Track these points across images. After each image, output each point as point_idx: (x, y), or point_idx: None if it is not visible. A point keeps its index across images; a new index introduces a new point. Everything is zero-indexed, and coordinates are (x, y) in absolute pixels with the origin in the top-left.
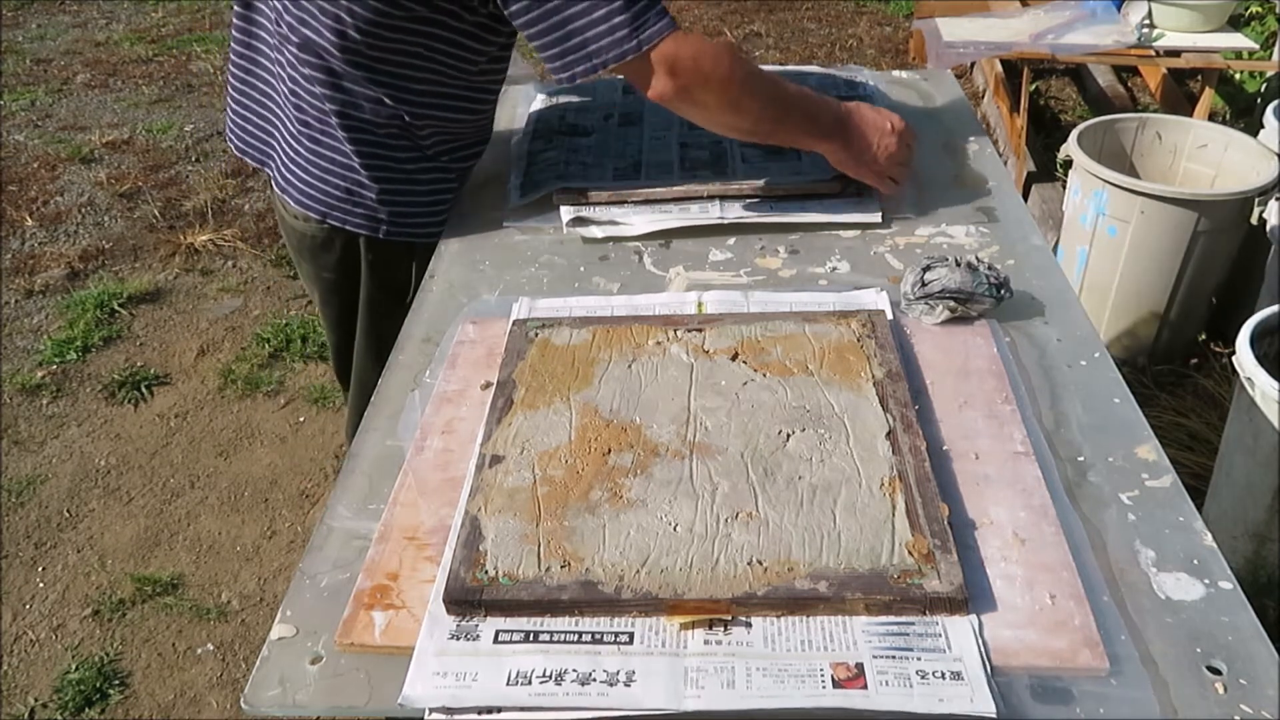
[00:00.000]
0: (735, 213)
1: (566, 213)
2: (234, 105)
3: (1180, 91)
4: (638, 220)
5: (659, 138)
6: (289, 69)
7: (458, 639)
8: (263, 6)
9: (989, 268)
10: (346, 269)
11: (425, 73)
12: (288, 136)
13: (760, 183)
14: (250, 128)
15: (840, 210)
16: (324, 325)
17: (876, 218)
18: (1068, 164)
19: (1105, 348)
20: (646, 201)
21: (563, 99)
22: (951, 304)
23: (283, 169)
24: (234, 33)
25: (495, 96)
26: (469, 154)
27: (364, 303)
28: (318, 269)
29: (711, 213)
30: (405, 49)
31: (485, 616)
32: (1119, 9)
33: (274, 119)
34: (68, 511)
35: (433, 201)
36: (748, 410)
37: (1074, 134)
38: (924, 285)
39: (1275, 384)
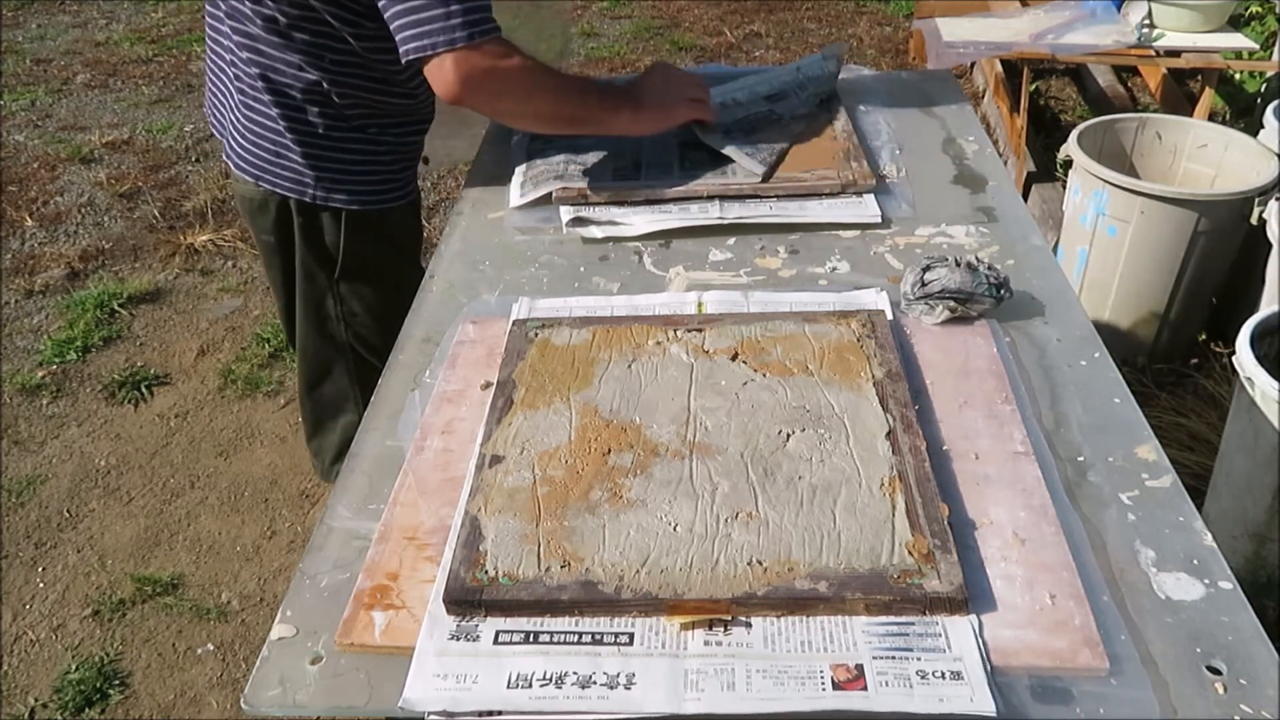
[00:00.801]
0: (735, 212)
1: (566, 212)
2: (208, 79)
3: (1180, 91)
4: (637, 220)
5: (659, 138)
6: (227, 39)
7: (458, 639)
8: None
9: (989, 268)
10: (282, 233)
11: (337, 41)
12: (233, 104)
13: (760, 182)
14: (215, 100)
15: (840, 210)
16: (270, 288)
17: (876, 217)
18: (1068, 164)
19: (1105, 348)
20: (646, 201)
21: None
22: (951, 304)
23: (230, 136)
24: (207, 17)
25: (414, 73)
26: (403, 130)
27: (299, 266)
28: (258, 232)
29: (711, 212)
30: (314, 17)
31: (485, 617)
32: (1119, 9)
33: (226, 89)
34: (68, 511)
35: (362, 171)
36: (748, 410)
37: (1074, 134)
38: (924, 285)
39: (1275, 384)
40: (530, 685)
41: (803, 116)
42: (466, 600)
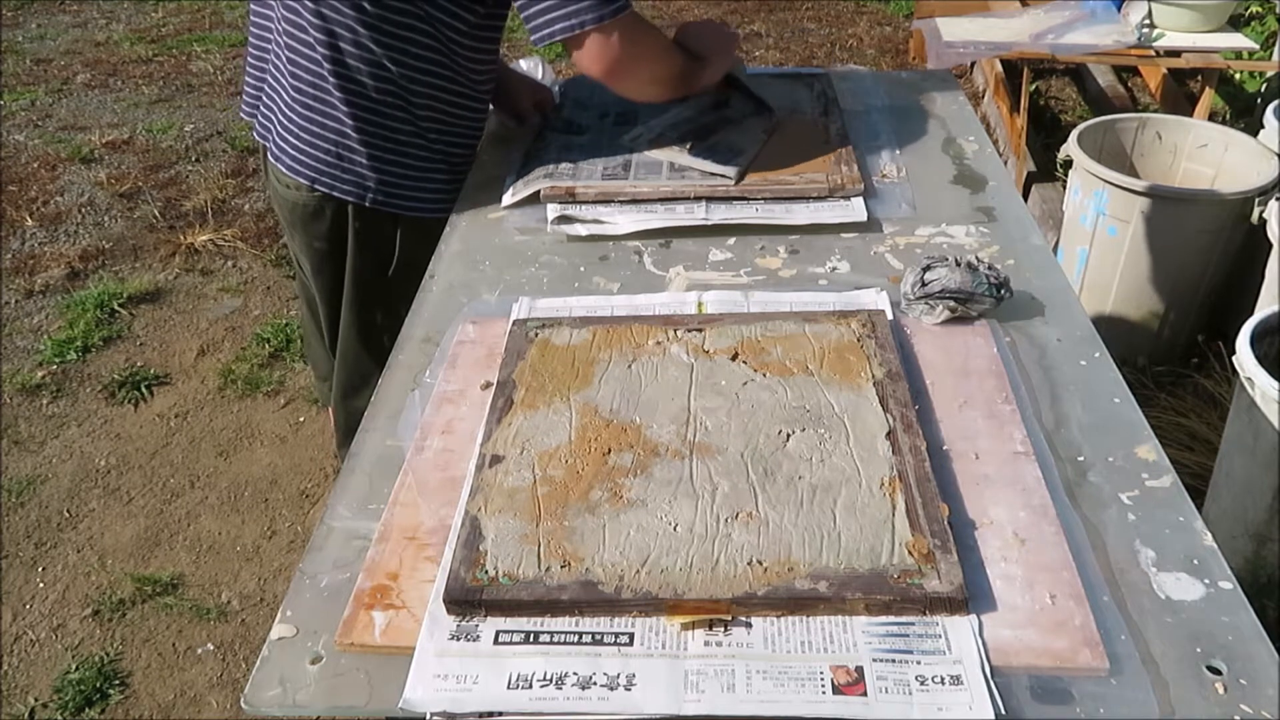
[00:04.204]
0: (720, 214)
1: (552, 210)
2: (248, 84)
3: (1180, 91)
4: (622, 220)
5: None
6: (285, 36)
7: (458, 639)
8: None
9: (989, 268)
10: (336, 239)
11: (425, 36)
12: (283, 106)
13: (733, 184)
14: (259, 103)
15: (826, 212)
16: (317, 298)
17: (862, 217)
18: (1068, 164)
19: (1105, 347)
20: (633, 201)
21: (564, 99)
22: (951, 304)
23: (278, 139)
24: (253, 16)
25: (485, 82)
26: (459, 142)
27: (350, 273)
28: (309, 239)
29: (696, 213)
30: (408, 9)
31: (485, 617)
32: (1119, 9)
33: (272, 89)
34: (68, 511)
35: (420, 177)
36: (748, 410)
37: (1074, 134)
38: (924, 285)
39: (1275, 384)
40: (530, 686)
41: (755, 115)
42: (466, 600)
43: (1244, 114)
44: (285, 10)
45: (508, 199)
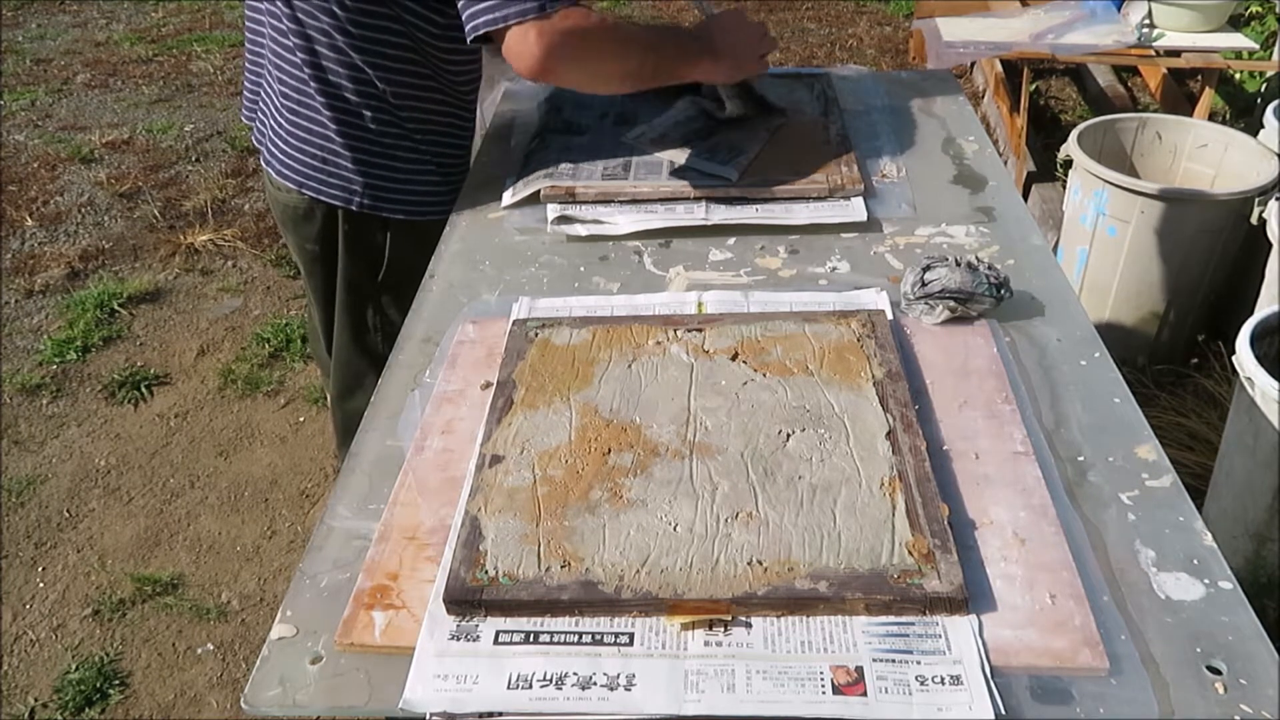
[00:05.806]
0: (720, 214)
1: (552, 210)
2: (246, 86)
3: (1180, 91)
4: (623, 220)
5: (653, 143)
6: (272, 42)
7: (458, 639)
8: None
9: (989, 268)
10: (327, 241)
11: (397, 37)
12: (273, 109)
13: (732, 184)
14: (255, 107)
15: (826, 212)
16: (311, 299)
17: (862, 217)
18: (1068, 164)
19: (1105, 347)
20: (633, 201)
21: (564, 99)
22: (951, 304)
23: (269, 142)
24: (247, 21)
25: (466, 84)
26: (446, 143)
27: (340, 276)
28: (300, 240)
29: (696, 214)
30: (378, 12)
31: (485, 617)
32: (1119, 9)
33: (265, 94)
34: (68, 511)
35: (408, 180)
36: (748, 410)
37: (1074, 134)
38: (924, 285)
39: (1275, 384)
40: (530, 686)
41: (763, 115)
42: (466, 600)
43: (1244, 114)
44: (269, 16)
45: (508, 199)
